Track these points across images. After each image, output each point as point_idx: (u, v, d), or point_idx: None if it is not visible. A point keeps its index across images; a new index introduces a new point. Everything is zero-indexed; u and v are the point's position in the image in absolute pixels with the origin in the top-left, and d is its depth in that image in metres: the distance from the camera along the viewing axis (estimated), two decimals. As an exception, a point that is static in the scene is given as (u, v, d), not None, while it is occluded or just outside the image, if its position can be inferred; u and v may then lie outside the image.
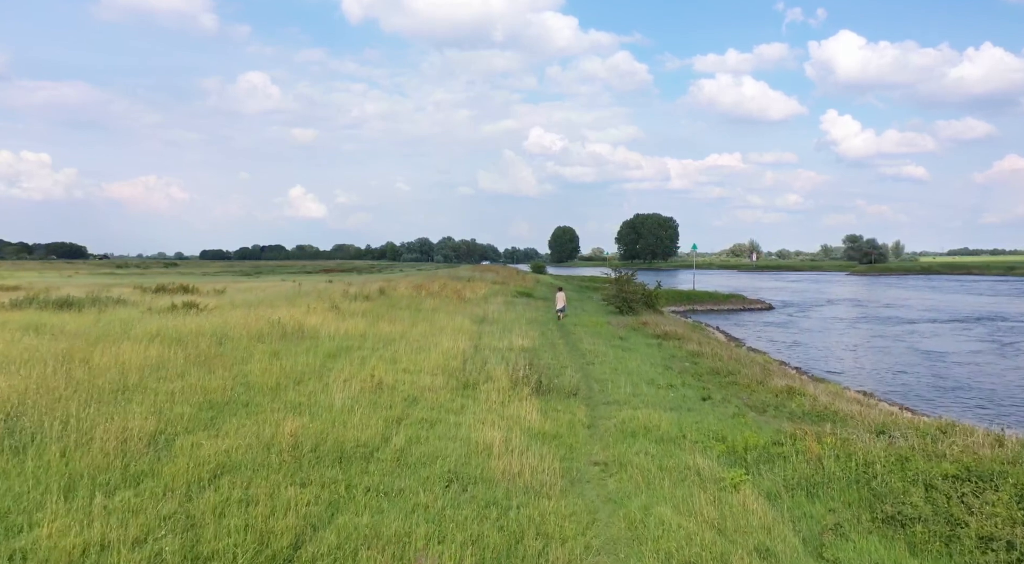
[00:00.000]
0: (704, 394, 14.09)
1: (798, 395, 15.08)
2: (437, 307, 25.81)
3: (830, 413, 13.38)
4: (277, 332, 15.71)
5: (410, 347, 15.69)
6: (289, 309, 21.00)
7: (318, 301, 23.68)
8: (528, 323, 24.16)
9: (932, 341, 38.13)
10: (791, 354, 32.52)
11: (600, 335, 23.17)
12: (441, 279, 40.85)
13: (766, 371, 18.92)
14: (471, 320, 22.87)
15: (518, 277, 55.58)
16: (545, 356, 16.76)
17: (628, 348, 20.24)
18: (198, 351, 12.52)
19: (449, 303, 27.81)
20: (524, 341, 18.45)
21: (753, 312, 56.15)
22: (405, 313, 22.93)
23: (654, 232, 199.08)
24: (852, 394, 18.86)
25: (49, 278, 66.27)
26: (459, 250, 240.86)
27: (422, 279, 39.72)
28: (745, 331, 43.38)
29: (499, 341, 18.25)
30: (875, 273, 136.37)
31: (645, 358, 18.64)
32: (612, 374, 15.37)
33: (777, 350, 33.56)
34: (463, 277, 44.50)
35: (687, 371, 17.23)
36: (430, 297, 28.71)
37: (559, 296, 31.77)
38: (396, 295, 28.74)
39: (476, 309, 26.75)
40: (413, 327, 19.48)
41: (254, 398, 10.00)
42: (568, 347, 19.63)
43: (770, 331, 43.27)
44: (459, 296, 29.76)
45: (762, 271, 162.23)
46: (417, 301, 27.00)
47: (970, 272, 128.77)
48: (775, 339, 39.28)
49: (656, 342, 22.73)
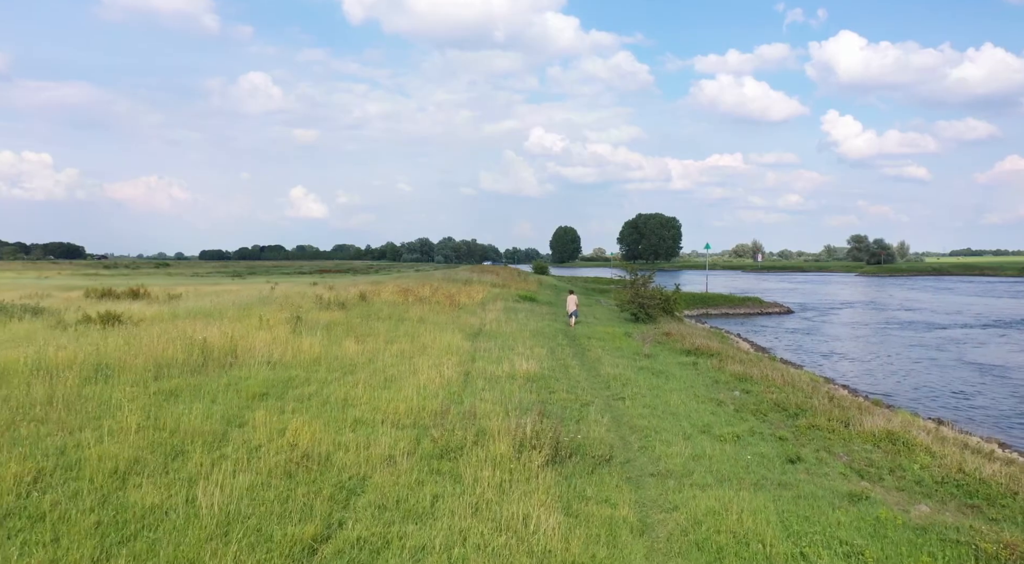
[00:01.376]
0: (787, 451, 9.82)
1: (908, 447, 10.83)
2: (425, 317, 21.54)
3: (975, 481, 9.14)
4: (196, 359, 11.45)
5: (376, 378, 11.43)
6: (238, 322, 16.76)
7: (281, 310, 19.43)
8: (533, 336, 19.90)
9: (980, 352, 33.78)
10: (831, 368, 28.21)
11: (621, 352, 18.90)
12: (435, 282, 36.54)
13: (837, 402, 14.63)
14: (464, 334, 18.62)
15: (520, 279, 51.24)
16: (559, 388, 12.50)
17: (659, 371, 15.96)
18: (29, 398, 8.23)
19: (440, 311, 23.54)
20: (530, 364, 14.18)
21: (771, 316, 51.86)
22: (383, 325, 18.67)
23: (657, 232, 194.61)
24: (951, 433, 14.56)
25: (24, 279, 62.05)
26: (460, 250, 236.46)
27: (413, 282, 35.42)
28: (769, 339, 39.11)
29: (497, 365, 13.99)
30: (884, 274, 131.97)
31: (685, 386, 14.37)
32: (652, 416, 11.11)
33: (814, 363, 29.28)
34: (460, 279, 40.20)
35: (745, 407, 12.95)
36: (418, 304, 24.44)
37: (570, 300, 27.66)
38: (378, 301, 24.47)
39: (471, 318, 22.48)
40: (388, 346, 15.21)
41: (57, 500, 5.71)
42: (586, 370, 15.37)
43: (796, 338, 38.97)
44: (452, 302, 25.51)
45: (767, 272, 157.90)
46: (402, 309, 22.74)
47: (983, 273, 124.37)
48: (805, 348, 35.01)
49: (689, 361, 18.44)
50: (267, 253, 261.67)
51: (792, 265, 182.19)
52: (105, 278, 63.71)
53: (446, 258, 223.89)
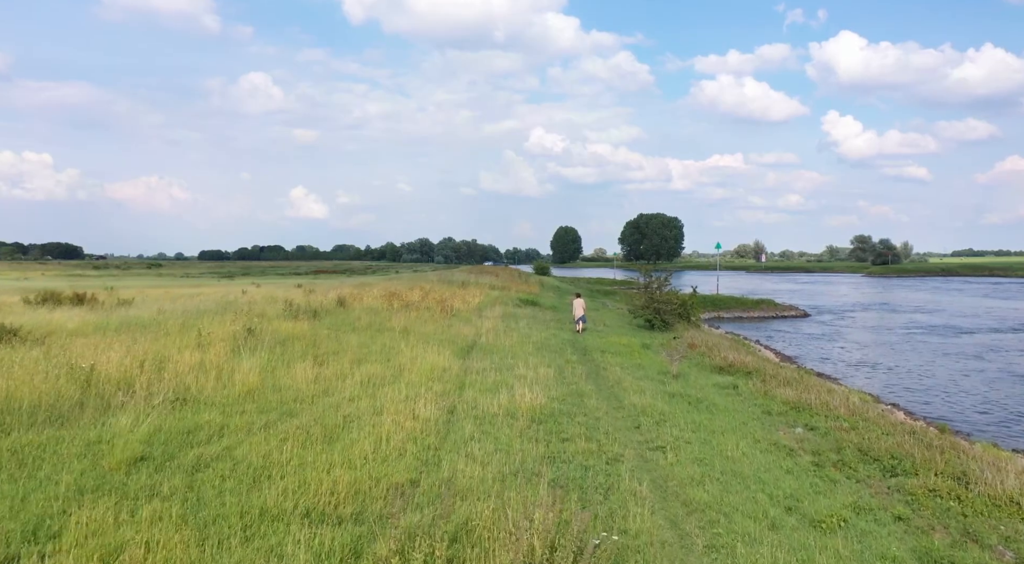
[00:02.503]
0: (924, 546, 6.50)
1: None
2: (410, 326, 18.22)
3: None
4: (69, 398, 8.11)
5: (322, 424, 8.11)
6: (173, 337, 13.45)
7: (236, 320, 16.11)
8: (537, 350, 16.58)
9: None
10: (869, 380, 24.84)
11: (643, 370, 15.56)
12: (428, 284, 33.21)
13: (926, 441, 11.30)
14: (454, 349, 15.30)
15: (520, 280, 47.87)
16: (575, 431, 9.17)
17: (696, 399, 12.62)
18: None
19: (429, 319, 20.21)
20: (535, 394, 10.85)
21: (787, 319, 48.50)
22: (356, 339, 15.36)
23: (658, 232, 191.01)
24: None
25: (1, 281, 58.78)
26: (460, 251, 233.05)
27: (404, 284, 32.07)
28: (790, 345, 35.75)
29: (493, 396, 10.66)
30: (890, 274, 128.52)
31: (735, 423, 11.02)
32: (709, 480, 7.77)
33: (848, 375, 25.94)
34: (456, 281, 36.86)
35: (822, 455, 9.62)
36: (404, 310, 21.11)
37: (577, 304, 24.41)
38: (358, 308, 21.16)
39: (465, 328, 19.16)
40: (355, 369, 11.89)
41: None
42: (605, 399, 12.02)
43: (820, 346, 35.60)
44: (444, 308, 22.18)
45: (771, 272, 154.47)
46: (383, 317, 19.42)
47: (992, 273, 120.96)
48: (832, 356, 31.66)
49: (727, 382, 15.10)
50: (267, 253, 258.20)
51: (795, 265, 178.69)
52: (88, 279, 60.43)
53: (446, 258, 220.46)
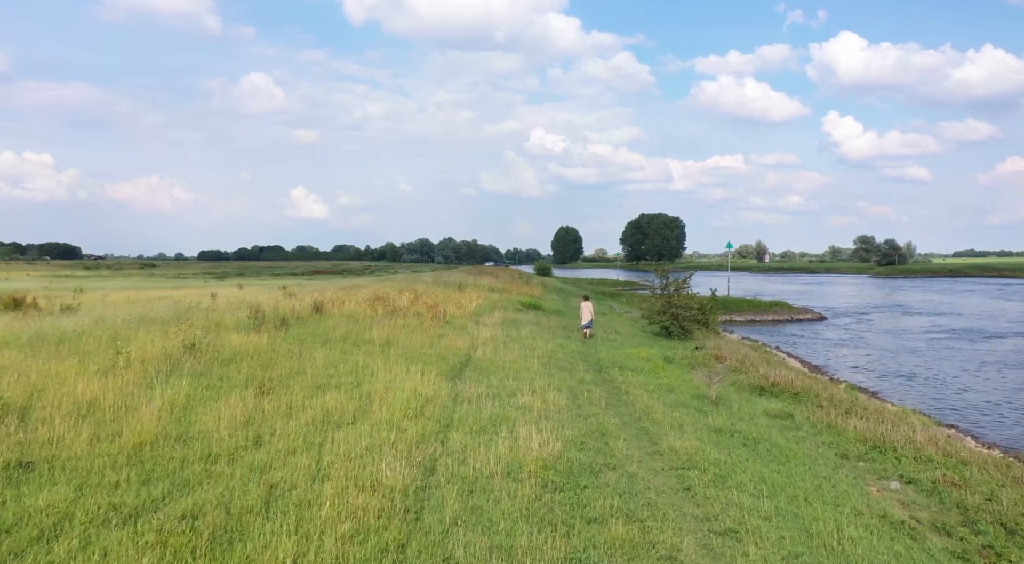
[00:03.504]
0: None
1: None
2: (393, 337, 15.35)
3: None
4: None
5: (218, 519, 5.26)
6: (85, 358, 10.61)
7: (183, 331, 13.26)
8: (544, 368, 13.72)
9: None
10: (917, 397, 21.92)
11: (674, 393, 12.66)
12: (422, 285, 30.32)
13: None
14: (443, 368, 12.45)
15: (521, 281, 44.94)
16: (603, 503, 6.28)
17: (753, 439, 9.75)
18: None
19: (417, 328, 17.34)
20: (544, 437, 8.01)
21: (802, 323, 45.62)
22: (323, 356, 12.50)
23: (660, 232, 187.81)
24: None
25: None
26: (460, 251, 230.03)
27: (395, 286, 29.18)
28: (814, 352, 32.88)
29: (489, 441, 7.80)
30: (897, 275, 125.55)
31: (813, 476, 8.15)
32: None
33: (891, 390, 23.08)
34: (453, 283, 33.96)
35: (952, 531, 6.79)
36: (389, 317, 18.23)
37: (585, 307, 21.68)
38: (337, 314, 18.28)
39: (458, 339, 16.28)
40: (308, 401, 9.04)
41: None
42: (636, 439, 9.15)
43: (845, 353, 32.71)
44: (436, 314, 19.29)
45: (774, 273, 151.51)
46: (364, 326, 16.54)
47: (1000, 274, 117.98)
48: (861, 365, 28.77)
49: (778, 409, 12.21)
50: (266, 254, 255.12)
51: (799, 266, 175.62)
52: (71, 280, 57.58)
53: (446, 259, 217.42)
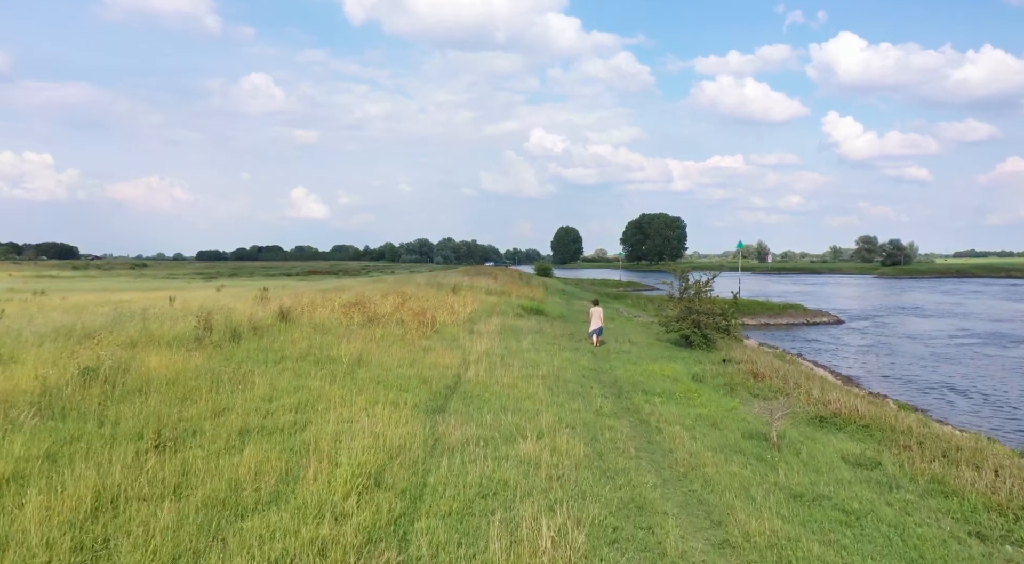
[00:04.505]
0: None
1: None
2: (366, 354, 12.49)
3: None
4: None
5: None
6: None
7: (87, 349, 10.41)
8: (551, 393, 10.87)
9: None
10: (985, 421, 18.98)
11: (720, 430, 9.79)
12: (412, 288, 27.43)
13: None
14: (420, 399, 9.57)
15: (522, 283, 42.00)
16: None
17: (843, 508, 6.91)
18: None
19: (399, 340, 14.48)
20: (558, 518, 5.17)
21: (819, 327, 42.76)
22: (268, 381, 9.64)
23: (661, 232, 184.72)
24: None
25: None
26: (459, 251, 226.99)
27: (383, 288, 26.26)
28: (839, 359, 30.03)
29: (471, 534, 4.96)
30: (903, 275, 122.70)
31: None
32: None
33: (946, 409, 20.21)
34: (447, 284, 31.05)
35: None
36: (365, 327, 15.36)
37: (595, 313, 19.07)
38: (306, 323, 15.39)
39: (446, 354, 13.41)
40: (216, 462, 6.20)
41: None
42: (688, 515, 6.30)
43: (873, 360, 29.82)
44: (422, 322, 16.41)
45: (776, 273, 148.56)
46: (333, 339, 13.66)
47: (1009, 274, 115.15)
48: (896, 376, 25.89)
49: (859, 454, 9.32)
50: (264, 254, 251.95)
51: (801, 266, 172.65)
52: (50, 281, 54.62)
53: (445, 259, 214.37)
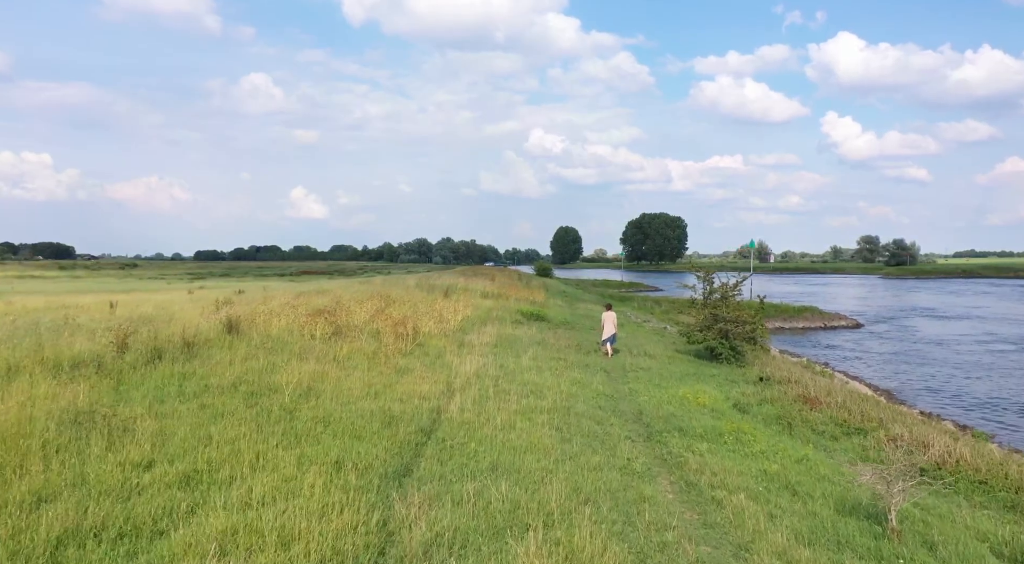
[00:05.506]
0: None
1: None
2: (317, 384, 9.56)
3: None
4: None
5: None
6: None
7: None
8: (558, 435, 7.97)
9: None
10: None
11: (802, 500, 6.89)
12: (399, 290, 24.50)
13: None
14: (375, 456, 6.64)
15: (521, 284, 39.05)
16: None
17: None
18: None
19: (368, 358, 11.56)
20: None
21: (837, 331, 39.88)
22: (158, 428, 6.71)
23: (661, 232, 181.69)
24: None
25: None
26: (459, 251, 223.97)
27: (364, 291, 23.28)
28: (867, 367, 27.17)
29: None
30: (908, 276, 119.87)
31: None
32: None
33: (1011, 434, 17.32)
34: (440, 286, 28.11)
35: None
36: (330, 340, 12.43)
37: (607, 319, 16.35)
38: (257, 336, 12.46)
39: (425, 380, 10.49)
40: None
41: None
42: None
43: (907, 371, 26.90)
44: (402, 334, 13.49)
45: (779, 273, 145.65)
46: (285, 357, 10.75)
47: (1018, 275, 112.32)
48: (939, 389, 22.99)
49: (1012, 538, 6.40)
50: (263, 253, 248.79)
51: (803, 266, 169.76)
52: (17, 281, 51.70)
53: (444, 259, 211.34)
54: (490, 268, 75.09)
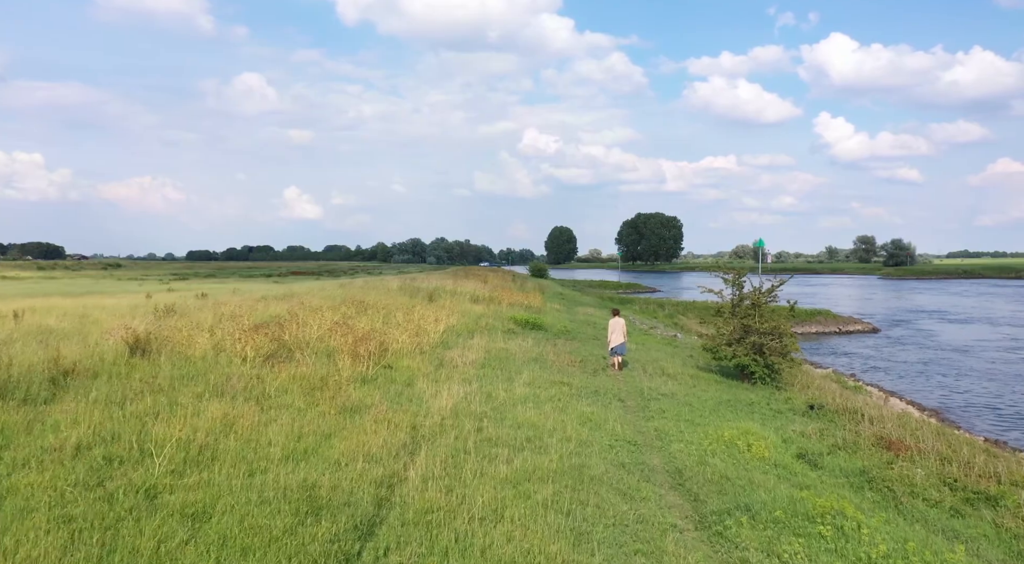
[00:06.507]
0: None
1: None
2: (218, 437, 6.59)
3: None
4: None
5: None
6: None
7: None
8: (572, 539, 5.02)
9: None
10: None
11: None
12: (376, 294, 21.49)
13: None
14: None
15: (515, 286, 36.06)
16: None
17: None
18: None
19: (306, 395, 8.57)
20: None
21: (853, 336, 37.06)
22: None
23: (657, 232, 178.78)
24: None
25: None
26: (452, 251, 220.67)
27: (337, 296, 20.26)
28: (902, 381, 24.33)
29: None
30: (908, 276, 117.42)
31: None
32: None
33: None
34: (425, 289, 25.10)
35: None
36: (265, 364, 9.46)
37: (616, 326, 13.62)
38: (165, 361, 9.47)
39: (382, 423, 7.50)
40: None
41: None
42: None
43: (948, 385, 24.00)
44: (361, 354, 10.53)
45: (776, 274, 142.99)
46: (187, 398, 7.77)
47: (1019, 276, 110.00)
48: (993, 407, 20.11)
49: None
50: (256, 254, 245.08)
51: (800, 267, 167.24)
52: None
53: (438, 259, 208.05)
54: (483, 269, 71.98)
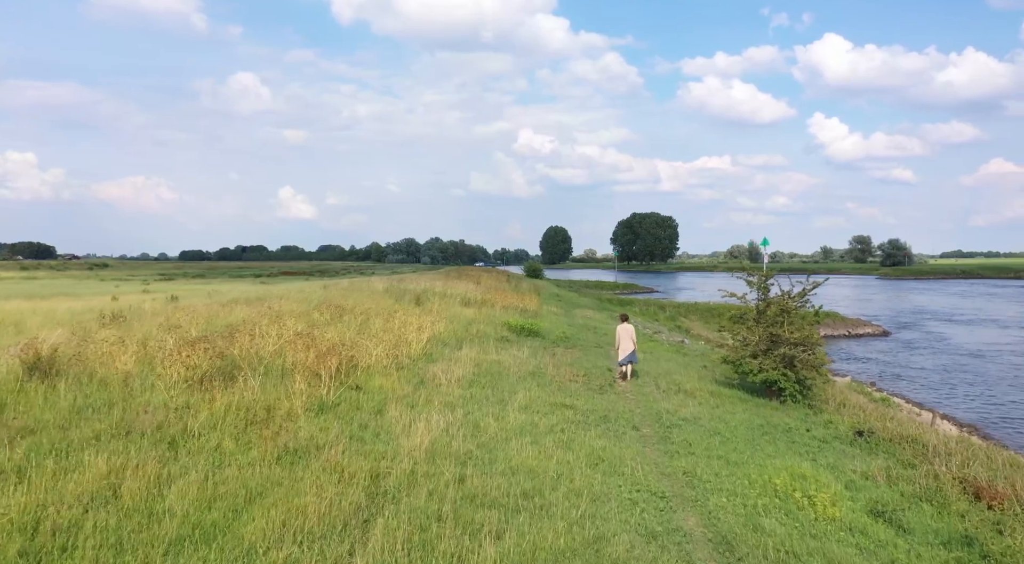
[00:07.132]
0: None
1: None
2: (89, 509, 4.65)
3: None
4: None
5: None
6: None
7: None
8: None
9: None
10: None
11: None
12: (358, 297, 19.50)
13: None
14: None
15: (510, 287, 34.10)
16: None
17: None
18: None
19: (241, 430, 6.63)
20: None
21: (863, 339, 35.33)
22: None
23: (652, 232, 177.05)
24: None
25: None
26: (447, 251, 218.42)
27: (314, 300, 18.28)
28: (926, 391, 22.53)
29: None
30: (907, 277, 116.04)
31: None
32: None
33: None
34: (412, 291, 23.12)
35: None
36: (197, 387, 7.52)
37: (624, 333, 11.79)
38: (71, 385, 7.54)
39: (330, 477, 5.56)
40: None
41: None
42: None
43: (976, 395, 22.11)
44: (320, 374, 8.61)
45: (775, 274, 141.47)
46: (75, 438, 5.84)
47: (1017, 276, 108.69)
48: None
49: None
50: (249, 254, 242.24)
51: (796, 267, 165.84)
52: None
53: (433, 259, 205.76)
54: (477, 269, 69.92)
